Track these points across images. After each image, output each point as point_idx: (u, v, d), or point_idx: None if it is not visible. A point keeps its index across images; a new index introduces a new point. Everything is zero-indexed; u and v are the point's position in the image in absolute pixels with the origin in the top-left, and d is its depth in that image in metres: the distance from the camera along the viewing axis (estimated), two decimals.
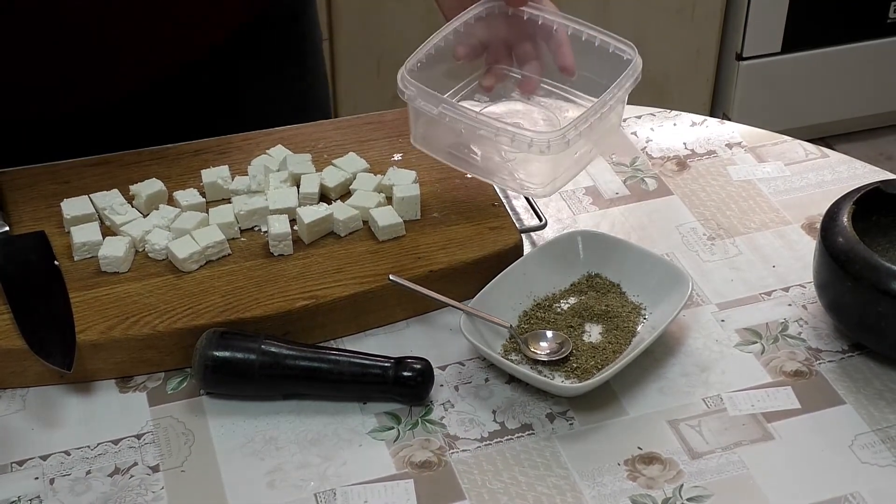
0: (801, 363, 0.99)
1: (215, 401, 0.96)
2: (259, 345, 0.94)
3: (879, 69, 2.73)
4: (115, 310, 0.99)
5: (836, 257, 0.96)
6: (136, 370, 0.99)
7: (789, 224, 1.14)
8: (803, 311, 1.04)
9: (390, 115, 1.22)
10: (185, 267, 1.02)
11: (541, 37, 1.08)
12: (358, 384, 0.96)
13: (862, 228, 0.98)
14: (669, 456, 0.91)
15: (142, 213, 1.08)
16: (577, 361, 0.98)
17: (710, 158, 1.22)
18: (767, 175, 1.20)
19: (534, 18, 1.07)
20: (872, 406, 0.95)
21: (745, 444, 0.92)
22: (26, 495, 0.89)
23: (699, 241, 1.12)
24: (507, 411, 0.95)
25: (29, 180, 1.14)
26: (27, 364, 0.96)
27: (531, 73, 1.09)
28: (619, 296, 1.04)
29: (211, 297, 1.00)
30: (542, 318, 1.02)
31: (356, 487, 0.89)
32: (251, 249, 1.05)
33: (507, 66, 1.11)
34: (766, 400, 0.96)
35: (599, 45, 1.05)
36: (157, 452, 0.92)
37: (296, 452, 0.92)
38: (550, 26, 1.06)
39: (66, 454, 0.93)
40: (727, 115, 2.68)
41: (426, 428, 0.94)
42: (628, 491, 0.89)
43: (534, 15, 1.07)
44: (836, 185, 1.18)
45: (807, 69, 2.67)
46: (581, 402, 0.96)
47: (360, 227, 1.07)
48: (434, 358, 0.98)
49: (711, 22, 2.59)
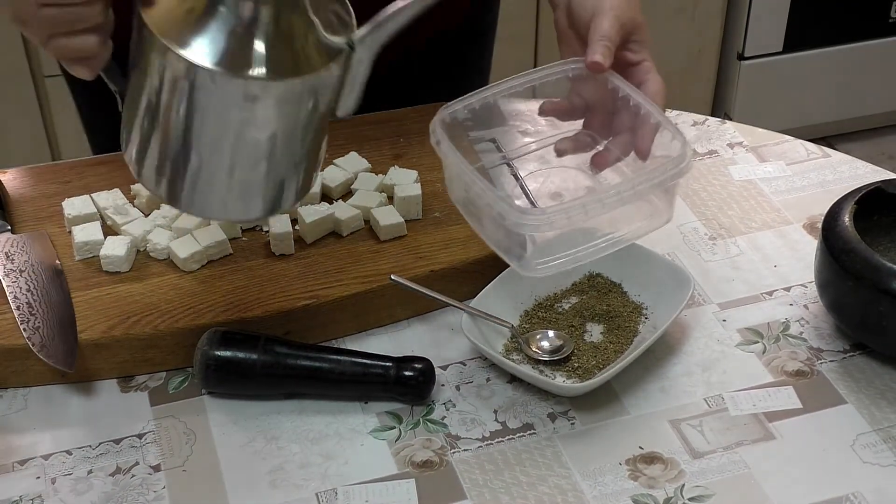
0: (803, 363, 0.99)
1: (217, 400, 0.97)
2: (260, 344, 0.95)
3: (881, 69, 2.73)
4: (116, 309, 0.99)
5: (838, 257, 0.96)
6: (138, 370, 0.99)
7: (791, 224, 1.14)
8: (805, 310, 1.04)
9: (392, 114, 1.22)
10: (187, 266, 1.02)
11: (626, 110, 1.00)
12: (359, 384, 0.96)
13: (863, 228, 0.98)
14: (671, 456, 0.91)
15: (143, 212, 1.08)
16: (578, 361, 0.98)
17: (711, 158, 1.22)
18: (769, 175, 1.20)
19: (624, 95, 0.99)
20: (874, 406, 0.95)
21: (746, 444, 0.92)
22: (28, 495, 0.89)
23: (700, 240, 1.12)
24: (509, 411, 0.95)
25: (31, 180, 1.14)
26: (29, 363, 0.96)
27: (615, 149, 1.01)
28: (620, 295, 1.04)
29: (212, 297, 1.00)
30: (544, 317, 1.02)
31: (357, 487, 0.89)
32: (253, 249, 1.05)
33: (594, 133, 1.03)
34: (767, 400, 0.96)
35: (661, 132, 0.98)
36: (158, 452, 0.93)
37: (297, 452, 0.92)
38: (638, 106, 0.98)
39: (67, 453, 0.93)
40: (728, 115, 2.68)
41: (427, 427, 0.94)
42: (630, 491, 0.89)
43: (623, 91, 0.99)
44: (838, 184, 1.18)
45: (808, 69, 2.67)
46: (582, 402, 0.96)
47: (361, 227, 1.07)
48: (435, 357, 0.98)
49: (713, 22, 2.59)
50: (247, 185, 0.86)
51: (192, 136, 0.83)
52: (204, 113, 0.82)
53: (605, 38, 0.97)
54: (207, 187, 0.86)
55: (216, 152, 0.84)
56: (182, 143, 0.83)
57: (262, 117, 0.82)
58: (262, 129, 0.83)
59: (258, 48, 0.80)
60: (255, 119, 0.82)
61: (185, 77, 0.80)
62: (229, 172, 0.85)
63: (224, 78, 0.79)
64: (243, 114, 0.82)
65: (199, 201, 0.87)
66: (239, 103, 0.81)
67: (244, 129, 0.83)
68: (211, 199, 0.87)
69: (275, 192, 0.87)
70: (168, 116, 0.83)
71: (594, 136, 1.03)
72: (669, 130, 0.96)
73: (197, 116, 0.82)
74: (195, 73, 0.79)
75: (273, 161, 0.85)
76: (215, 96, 0.81)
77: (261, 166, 0.85)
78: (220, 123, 0.82)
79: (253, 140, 0.84)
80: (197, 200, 0.87)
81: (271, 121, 0.83)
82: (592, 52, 0.97)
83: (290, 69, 0.81)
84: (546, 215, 0.91)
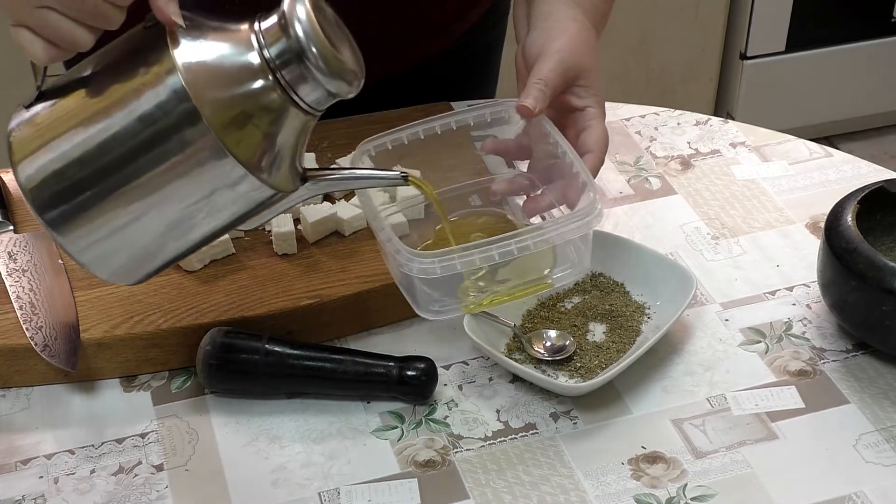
0: (805, 362, 0.99)
1: (219, 400, 0.97)
2: (263, 344, 0.95)
3: (883, 68, 2.72)
4: (119, 309, 0.99)
5: (841, 256, 0.96)
6: (141, 369, 0.99)
7: (793, 223, 1.14)
8: (807, 310, 1.04)
9: (394, 114, 1.21)
10: (190, 266, 1.02)
11: (561, 157, 0.97)
12: (362, 383, 0.96)
13: (866, 227, 0.98)
14: (673, 455, 0.91)
15: None
16: (580, 361, 0.98)
17: (713, 158, 1.22)
18: (771, 174, 1.20)
19: (554, 142, 0.97)
20: (877, 405, 0.95)
21: (749, 444, 0.92)
22: (30, 494, 0.89)
23: (703, 240, 1.12)
24: (511, 410, 0.95)
25: None
26: (32, 363, 0.96)
27: (550, 195, 0.98)
28: (622, 295, 1.04)
29: (215, 296, 1.00)
30: (546, 317, 1.02)
31: (360, 486, 0.90)
32: (255, 248, 1.06)
33: (534, 177, 1.01)
34: (770, 399, 0.96)
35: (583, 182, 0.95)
36: (161, 451, 0.93)
37: (300, 451, 0.92)
38: (566, 156, 0.96)
39: (70, 453, 0.93)
40: (731, 115, 2.68)
41: (430, 427, 0.94)
42: (632, 490, 0.89)
43: (553, 138, 0.97)
44: (841, 184, 1.18)
45: (811, 68, 2.67)
46: (585, 402, 0.96)
47: (364, 227, 1.07)
48: (438, 357, 0.98)
49: (715, 21, 2.59)
50: (156, 258, 0.81)
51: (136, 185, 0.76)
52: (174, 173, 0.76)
53: (542, 83, 0.96)
54: (120, 245, 0.79)
55: (147, 215, 0.78)
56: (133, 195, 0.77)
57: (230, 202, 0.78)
58: (218, 210, 0.79)
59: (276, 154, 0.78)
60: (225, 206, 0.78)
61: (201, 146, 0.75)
62: (158, 238, 0.79)
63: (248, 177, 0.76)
64: (220, 197, 0.77)
65: (99, 253, 0.79)
66: (229, 186, 0.77)
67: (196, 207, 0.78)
68: (113, 256, 0.80)
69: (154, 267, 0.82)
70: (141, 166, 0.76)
71: (533, 179, 1.01)
72: (589, 187, 0.93)
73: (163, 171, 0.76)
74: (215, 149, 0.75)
75: (192, 242, 0.81)
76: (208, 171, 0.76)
77: (177, 244, 0.80)
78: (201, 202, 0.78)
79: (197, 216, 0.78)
80: (97, 251, 0.79)
81: (233, 208, 0.79)
82: (525, 96, 0.96)
83: (278, 184, 0.79)
84: (433, 259, 0.89)
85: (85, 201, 0.77)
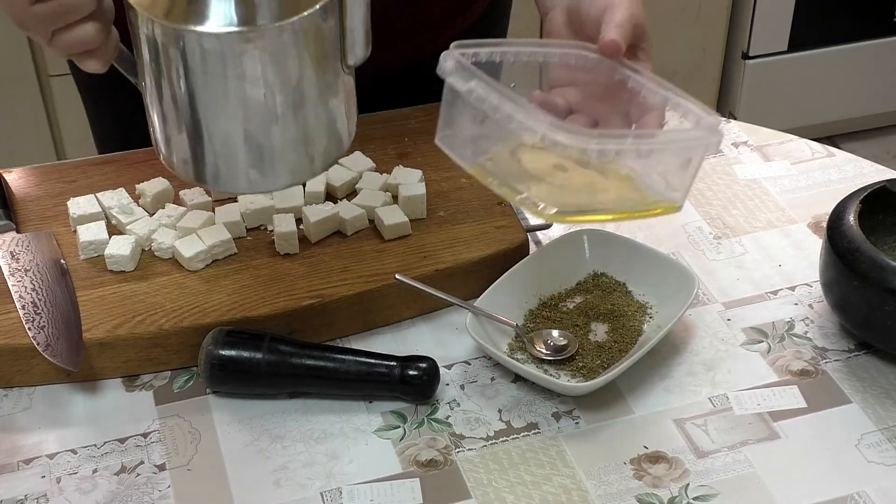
0: (808, 362, 0.99)
1: (221, 399, 0.97)
2: (265, 344, 0.95)
3: (886, 68, 2.72)
4: (121, 308, 0.99)
5: (843, 256, 0.96)
6: (143, 369, 0.99)
7: (795, 223, 1.14)
8: (809, 310, 1.04)
9: (396, 114, 1.22)
10: (192, 266, 1.03)
11: (633, 102, 0.92)
12: (364, 383, 0.96)
13: (868, 227, 0.98)
14: (675, 455, 0.91)
15: (148, 212, 1.08)
16: (582, 360, 0.98)
17: (716, 157, 1.22)
18: (773, 174, 1.20)
19: (629, 84, 0.91)
20: (879, 405, 0.95)
21: (751, 444, 0.92)
22: (33, 494, 0.90)
23: (705, 239, 1.12)
24: (513, 410, 0.95)
25: (36, 179, 1.14)
26: (34, 363, 0.97)
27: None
28: (624, 295, 1.04)
29: (217, 296, 1.00)
30: (548, 317, 1.02)
31: (362, 486, 0.90)
32: (257, 248, 1.06)
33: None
34: (772, 399, 0.96)
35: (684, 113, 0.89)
36: (163, 451, 0.93)
37: (302, 451, 0.92)
38: (639, 90, 0.90)
39: (72, 453, 0.93)
40: (733, 114, 2.68)
41: (432, 427, 0.94)
42: (634, 490, 0.89)
43: (629, 78, 0.91)
44: (843, 183, 1.18)
45: (813, 68, 2.67)
46: (587, 402, 0.96)
47: (366, 226, 1.07)
48: (440, 357, 0.98)
49: (717, 21, 2.59)
50: (264, 151, 0.84)
51: (198, 106, 0.81)
52: (199, 79, 0.80)
53: (620, 26, 0.90)
54: (226, 160, 0.84)
55: (223, 119, 0.82)
56: (191, 117, 0.82)
57: (252, 72, 0.80)
58: (257, 85, 0.81)
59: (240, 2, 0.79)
60: (247, 75, 0.80)
61: (175, 45, 0.79)
62: (243, 140, 0.83)
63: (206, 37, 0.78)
64: (235, 71, 0.80)
65: (224, 175, 0.86)
66: (227, 60, 0.79)
67: (241, 89, 0.81)
68: (233, 172, 0.85)
69: (296, 157, 0.85)
70: (172, 93, 0.82)
71: None
72: (695, 109, 0.86)
73: (194, 84, 0.80)
74: (181, 38, 0.78)
75: (285, 122, 0.83)
76: (205, 58, 0.79)
77: (273, 129, 0.83)
78: (217, 87, 0.81)
79: (254, 99, 0.81)
80: (221, 175, 0.85)
81: (265, 75, 0.81)
82: (608, 33, 0.89)
83: (273, 17, 0.80)
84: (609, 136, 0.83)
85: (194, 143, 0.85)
